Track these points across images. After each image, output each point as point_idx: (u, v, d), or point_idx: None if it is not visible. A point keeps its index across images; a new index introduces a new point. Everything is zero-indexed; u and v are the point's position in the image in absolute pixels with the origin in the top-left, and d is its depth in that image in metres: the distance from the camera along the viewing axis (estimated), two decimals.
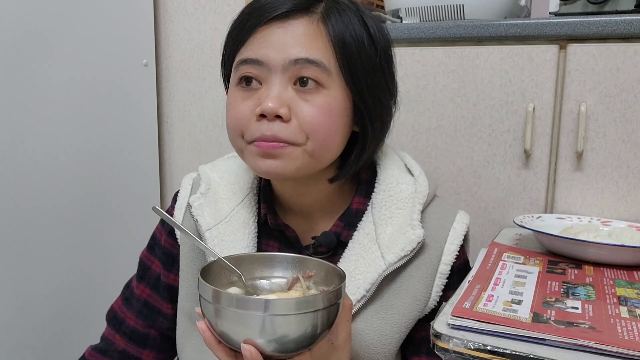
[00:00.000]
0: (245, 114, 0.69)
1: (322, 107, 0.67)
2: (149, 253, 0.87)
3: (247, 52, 0.69)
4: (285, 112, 0.66)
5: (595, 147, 1.00)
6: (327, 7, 0.69)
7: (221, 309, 0.55)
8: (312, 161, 0.69)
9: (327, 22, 0.68)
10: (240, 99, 0.70)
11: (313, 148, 0.68)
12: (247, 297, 0.58)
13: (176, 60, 1.42)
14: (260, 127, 0.67)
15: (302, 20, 0.68)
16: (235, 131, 0.71)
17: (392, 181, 0.76)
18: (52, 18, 1.13)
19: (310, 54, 0.67)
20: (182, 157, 1.45)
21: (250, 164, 0.71)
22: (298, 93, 0.68)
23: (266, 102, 0.66)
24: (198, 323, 0.59)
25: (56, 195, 1.16)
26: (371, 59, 0.70)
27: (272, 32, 0.68)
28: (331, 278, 0.63)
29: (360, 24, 0.70)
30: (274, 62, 0.67)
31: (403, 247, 0.71)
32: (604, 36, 0.97)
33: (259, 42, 0.68)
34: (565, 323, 0.55)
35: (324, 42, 0.68)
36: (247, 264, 0.65)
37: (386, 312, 0.72)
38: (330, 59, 0.68)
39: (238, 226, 0.77)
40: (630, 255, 0.75)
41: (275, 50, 0.67)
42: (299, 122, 0.67)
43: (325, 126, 0.68)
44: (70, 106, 1.18)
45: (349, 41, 0.68)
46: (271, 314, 0.54)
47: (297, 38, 0.67)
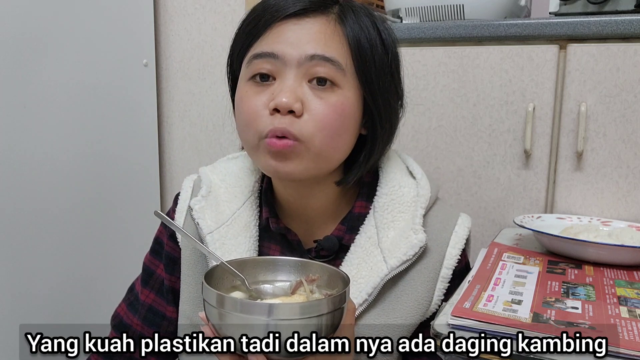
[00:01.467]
0: (258, 108, 0.68)
1: (335, 106, 0.68)
2: (153, 257, 0.86)
3: (261, 47, 0.69)
4: (298, 107, 0.66)
5: (595, 147, 1.00)
6: (342, 9, 0.70)
7: (225, 314, 0.55)
8: (320, 161, 0.69)
9: (343, 23, 0.69)
10: (253, 94, 0.69)
11: (320, 146, 0.68)
12: (251, 302, 0.57)
13: (176, 60, 1.42)
14: (273, 121, 0.67)
15: (319, 19, 0.68)
16: (247, 125, 0.70)
17: (395, 184, 0.76)
18: (52, 18, 1.13)
19: (326, 51, 0.67)
20: (182, 157, 1.45)
21: (261, 163, 0.71)
22: (312, 90, 0.68)
23: (280, 96, 0.66)
24: (202, 327, 0.59)
25: (56, 195, 1.16)
26: (383, 61, 0.71)
27: (287, 29, 0.68)
28: (334, 281, 0.63)
29: (372, 27, 0.70)
30: (289, 57, 0.67)
31: (405, 252, 0.71)
32: (604, 36, 0.97)
33: (274, 37, 0.68)
34: (565, 323, 0.55)
35: (341, 42, 0.68)
36: (250, 268, 0.65)
37: (388, 316, 0.71)
38: (346, 59, 0.68)
39: (239, 230, 0.77)
40: (630, 255, 0.75)
41: (291, 45, 0.67)
42: (311, 118, 0.67)
43: (335, 124, 0.68)
44: (70, 106, 1.18)
45: (364, 43, 0.69)
46: (275, 319, 0.53)
47: (314, 35, 0.67)
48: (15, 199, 1.08)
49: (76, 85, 1.18)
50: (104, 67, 1.25)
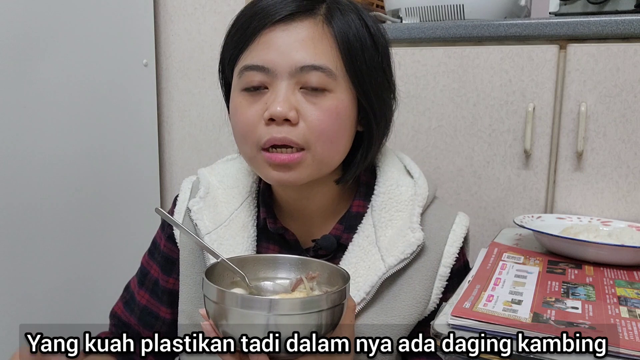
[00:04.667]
0: (253, 119, 0.69)
1: (330, 110, 0.68)
2: (149, 258, 0.87)
3: (251, 58, 0.69)
4: (293, 116, 0.66)
5: (595, 147, 1.00)
6: (329, 8, 0.69)
7: (226, 309, 0.55)
8: (322, 165, 0.70)
9: (331, 24, 0.68)
10: (247, 104, 0.69)
11: (322, 152, 0.68)
12: (252, 297, 0.58)
13: (176, 60, 1.42)
14: (270, 131, 0.67)
15: (306, 23, 0.68)
16: (244, 137, 0.70)
17: (392, 183, 0.77)
18: (52, 18, 1.13)
19: (316, 59, 0.67)
20: (182, 157, 1.45)
21: (261, 173, 0.72)
22: (305, 96, 0.68)
23: (274, 106, 0.66)
24: (203, 324, 0.59)
25: (56, 195, 1.16)
26: (373, 58, 0.70)
27: (276, 36, 0.67)
28: (334, 279, 0.63)
29: (361, 23, 0.70)
30: (280, 68, 0.67)
31: (403, 250, 0.71)
32: (604, 36, 0.97)
33: (263, 46, 0.68)
34: (565, 323, 0.55)
35: (330, 45, 0.68)
36: (250, 266, 0.65)
37: (386, 315, 0.71)
38: (336, 61, 0.68)
39: (237, 230, 0.77)
40: (630, 255, 0.75)
41: (281, 55, 0.67)
42: (307, 125, 0.67)
43: (332, 129, 0.68)
44: (70, 106, 1.18)
45: (353, 42, 0.69)
46: (276, 314, 0.54)
47: (302, 42, 0.67)
48: (15, 199, 1.08)
49: (76, 85, 1.18)
50: (104, 67, 1.25)
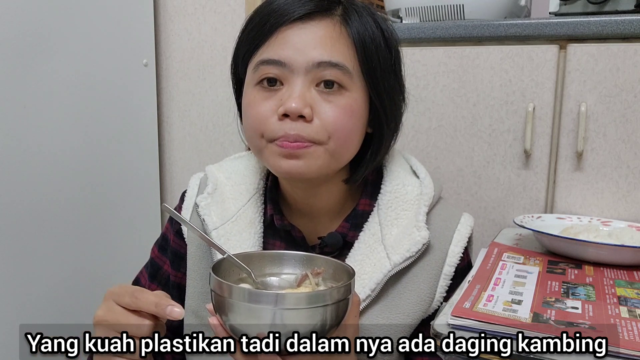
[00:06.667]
0: (267, 113, 0.69)
1: (344, 108, 0.68)
2: (160, 253, 0.87)
3: (268, 53, 0.69)
4: (308, 112, 0.67)
5: (595, 147, 1.00)
6: (346, 9, 0.70)
7: (233, 303, 0.56)
8: (333, 161, 0.70)
9: (348, 24, 0.69)
10: (261, 99, 0.70)
11: (334, 148, 0.69)
12: (258, 291, 0.58)
13: (176, 60, 1.42)
14: (283, 127, 0.67)
15: (324, 22, 0.68)
16: (255, 131, 0.70)
17: (398, 183, 0.77)
18: (52, 18, 1.13)
19: (333, 56, 0.67)
20: (182, 157, 1.45)
21: (270, 164, 0.72)
22: (320, 94, 0.68)
23: (289, 102, 0.66)
24: (210, 319, 0.60)
25: (56, 195, 1.16)
26: (387, 60, 0.71)
27: (293, 34, 0.68)
28: (339, 275, 0.63)
29: (375, 25, 0.71)
30: (296, 64, 0.67)
31: (408, 248, 0.71)
32: (604, 36, 0.97)
33: (280, 43, 0.68)
34: (565, 323, 0.55)
35: (346, 44, 0.68)
36: (257, 262, 0.66)
37: (390, 312, 0.72)
38: (352, 61, 0.68)
39: (244, 226, 0.77)
40: (630, 255, 0.75)
41: (298, 51, 0.67)
42: (322, 123, 0.68)
43: (346, 127, 0.69)
44: (70, 106, 1.18)
45: (369, 43, 0.69)
46: (282, 308, 0.54)
47: (319, 40, 0.67)
48: (15, 199, 1.08)
49: (76, 85, 1.18)
50: (104, 67, 1.25)
